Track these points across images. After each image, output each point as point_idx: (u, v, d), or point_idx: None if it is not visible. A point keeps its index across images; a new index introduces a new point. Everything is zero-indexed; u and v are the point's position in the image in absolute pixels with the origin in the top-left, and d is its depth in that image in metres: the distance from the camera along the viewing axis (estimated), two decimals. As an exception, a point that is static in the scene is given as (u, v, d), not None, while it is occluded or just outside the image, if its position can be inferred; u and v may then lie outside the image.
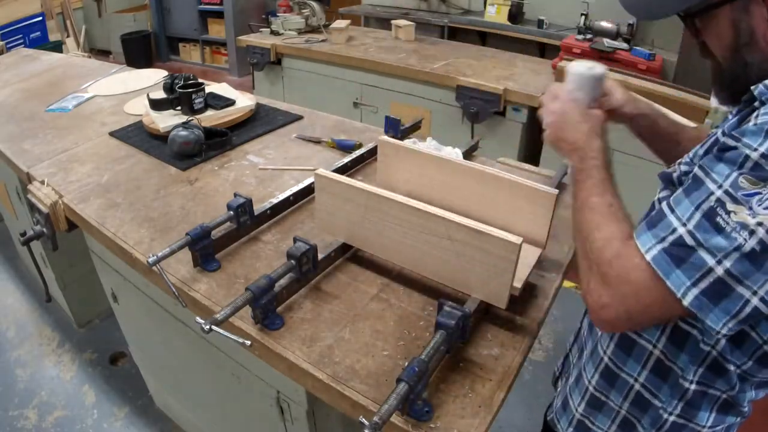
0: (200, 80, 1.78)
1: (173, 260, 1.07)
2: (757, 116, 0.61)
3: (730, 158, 0.60)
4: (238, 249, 1.16)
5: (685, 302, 0.61)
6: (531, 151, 2.66)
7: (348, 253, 1.14)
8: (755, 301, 0.58)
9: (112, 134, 1.71)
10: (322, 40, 3.23)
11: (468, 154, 1.55)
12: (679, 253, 0.61)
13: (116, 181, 1.43)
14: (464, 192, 1.15)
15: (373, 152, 1.54)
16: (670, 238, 0.62)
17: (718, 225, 0.59)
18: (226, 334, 0.85)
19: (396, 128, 1.60)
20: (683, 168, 0.74)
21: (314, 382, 0.87)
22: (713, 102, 0.74)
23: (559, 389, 1.03)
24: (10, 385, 2.06)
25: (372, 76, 2.94)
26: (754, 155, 0.58)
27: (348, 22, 3.34)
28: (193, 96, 1.67)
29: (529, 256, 1.04)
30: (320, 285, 1.05)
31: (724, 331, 0.61)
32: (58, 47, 4.76)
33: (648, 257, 0.64)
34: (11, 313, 2.44)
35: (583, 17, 2.59)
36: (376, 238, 1.03)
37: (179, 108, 1.70)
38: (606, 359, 0.85)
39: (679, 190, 0.65)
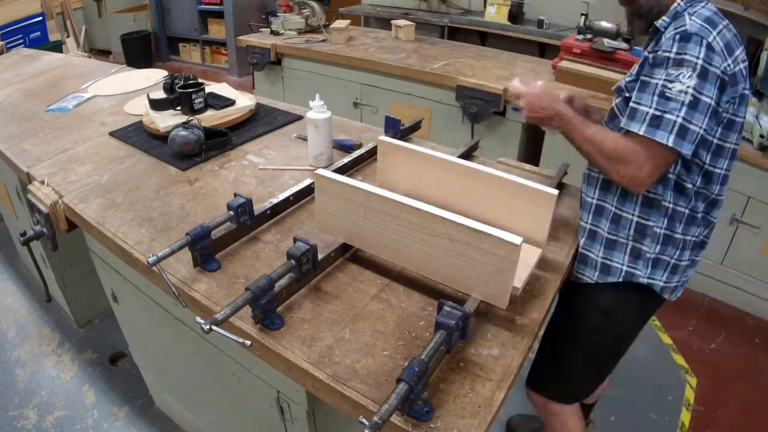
0: (200, 80, 1.78)
1: (173, 260, 1.07)
2: (665, 34, 1.04)
3: (659, 62, 1.02)
4: (238, 249, 1.16)
5: (669, 143, 0.99)
6: (531, 151, 2.66)
7: (348, 253, 1.14)
8: (700, 131, 1.00)
9: (112, 134, 1.71)
10: (322, 40, 3.23)
11: (468, 154, 1.55)
12: (656, 122, 1.00)
13: (116, 181, 1.43)
14: (464, 192, 1.15)
15: (373, 152, 1.54)
16: (647, 118, 1.01)
17: (668, 96, 1.00)
18: (226, 334, 0.85)
19: (396, 128, 1.60)
20: (627, 79, 1.15)
21: (314, 382, 0.87)
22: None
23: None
24: (10, 385, 2.06)
25: (372, 76, 2.94)
26: (671, 55, 1.00)
27: (348, 22, 3.33)
28: (193, 96, 1.67)
29: (529, 256, 1.04)
30: (320, 285, 1.05)
31: (686, 151, 1.00)
32: (58, 47, 4.76)
33: (641, 132, 1.02)
34: (11, 313, 2.44)
35: (583, 17, 2.58)
36: (377, 237, 1.03)
37: (179, 108, 1.70)
38: (612, 209, 1.19)
39: (635, 93, 1.05)
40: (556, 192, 1.04)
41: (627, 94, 1.12)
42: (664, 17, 1.09)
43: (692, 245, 1.18)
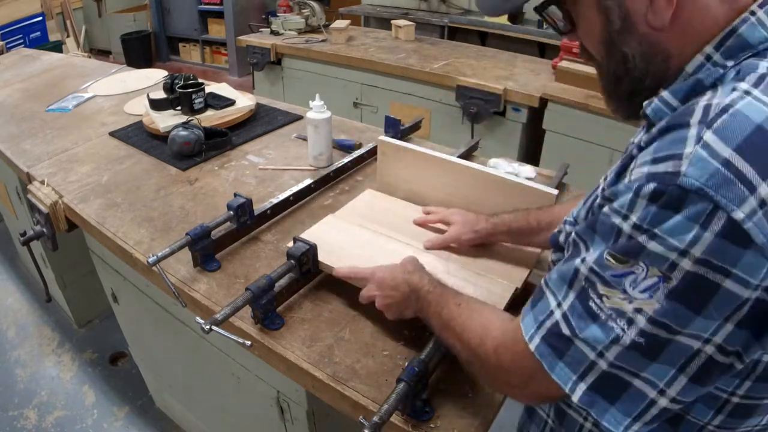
0: (200, 80, 1.78)
1: (173, 260, 1.07)
2: (631, 170, 0.48)
3: (602, 232, 0.49)
4: (238, 249, 1.16)
5: (575, 398, 0.51)
6: (531, 151, 2.66)
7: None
8: (662, 401, 0.47)
9: (112, 134, 1.71)
10: (322, 40, 3.23)
11: (468, 154, 1.55)
12: (558, 344, 0.52)
13: (116, 181, 1.43)
14: (464, 191, 1.15)
15: (373, 152, 1.54)
16: (548, 324, 0.53)
17: (591, 311, 0.49)
18: (226, 334, 0.85)
19: (396, 128, 1.60)
20: (567, 228, 0.65)
21: (314, 382, 0.87)
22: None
23: None
24: (10, 385, 2.06)
25: (372, 76, 2.94)
26: (625, 227, 0.46)
27: (348, 22, 3.33)
28: (193, 96, 1.67)
29: (529, 255, 1.04)
30: (320, 285, 1.05)
31: None
32: (58, 47, 4.76)
33: (531, 347, 0.54)
34: (11, 313, 2.44)
35: (583, 17, 2.59)
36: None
37: (179, 108, 1.70)
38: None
39: (560, 261, 0.56)
40: (555, 192, 1.05)
41: (558, 255, 0.67)
42: (665, 93, 0.52)
43: None
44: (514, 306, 0.95)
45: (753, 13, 0.47)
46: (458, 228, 1.04)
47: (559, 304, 0.53)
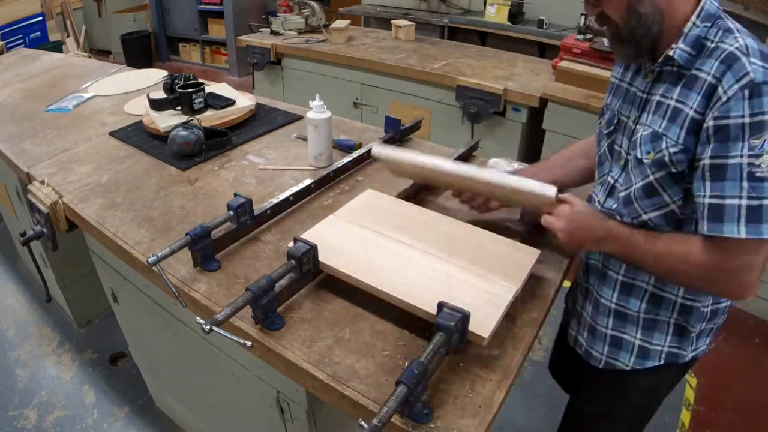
0: (200, 80, 1.78)
1: (173, 260, 1.07)
2: (724, 92, 0.79)
3: (735, 135, 0.78)
4: (238, 249, 1.16)
5: None
6: (531, 151, 2.66)
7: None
8: None
9: (112, 134, 1.71)
10: (322, 40, 3.23)
11: (468, 154, 1.55)
12: (757, 215, 0.78)
13: (116, 181, 1.43)
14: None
15: (373, 152, 1.54)
16: (743, 213, 0.79)
17: (760, 178, 0.77)
18: (227, 334, 0.85)
19: (396, 128, 1.60)
20: (672, 149, 0.87)
21: (314, 382, 0.87)
22: (617, 60, 1.03)
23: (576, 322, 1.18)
24: (10, 385, 2.06)
25: (372, 76, 2.94)
26: (746, 120, 0.78)
27: (348, 22, 3.33)
28: (193, 96, 1.67)
29: (529, 255, 1.04)
30: (320, 285, 1.05)
31: None
32: (58, 47, 4.76)
33: (744, 235, 0.79)
34: (11, 313, 2.44)
35: (583, 17, 2.58)
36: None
37: (179, 108, 1.70)
38: (620, 278, 1.03)
39: (708, 184, 0.82)
40: (554, 191, 1.04)
41: (674, 169, 0.88)
42: (681, 45, 0.85)
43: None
44: (514, 306, 0.95)
45: None
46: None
47: (740, 196, 0.79)
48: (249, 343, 0.87)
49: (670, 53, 0.86)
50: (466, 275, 0.97)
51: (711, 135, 0.81)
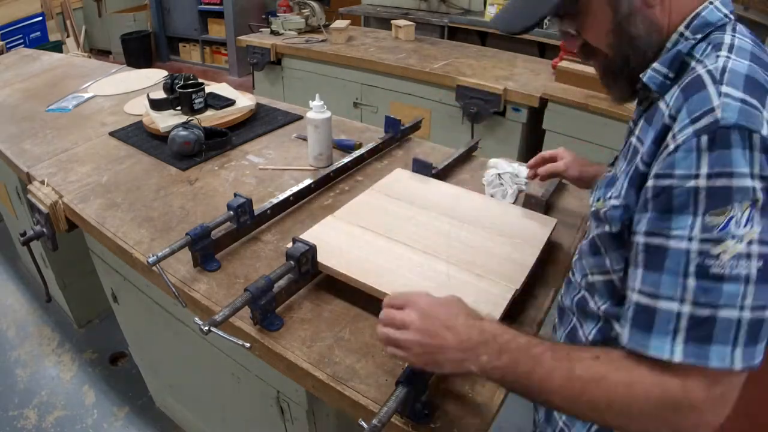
0: (200, 80, 1.78)
1: (173, 260, 1.07)
2: (673, 137, 0.56)
3: (680, 204, 0.54)
4: (238, 249, 1.16)
5: (737, 366, 0.54)
6: (531, 151, 2.66)
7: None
8: None
9: (112, 134, 1.71)
10: (322, 40, 3.23)
11: (468, 155, 1.55)
12: (702, 334, 0.54)
13: (116, 181, 1.43)
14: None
15: (373, 152, 1.54)
16: (683, 324, 0.54)
17: (716, 276, 0.53)
18: (225, 335, 0.85)
19: (396, 128, 1.60)
20: (613, 202, 0.67)
21: (314, 382, 0.87)
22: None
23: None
24: (10, 385, 2.06)
25: (372, 76, 2.94)
26: (701, 183, 0.53)
27: (348, 22, 3.33)
28: (193, 96, 1.67)
29: (529, 255, 1.04)
30: (320, 285, 1.05)
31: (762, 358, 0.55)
32: (58, 47, 4.76)
33: (680, 360, 0.54)
34: (11, 313, 2.44)
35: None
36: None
37: (179, 108, 1.70)
38: None
39: (640, 270, 0.58)
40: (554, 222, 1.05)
41: (609, 228, 0.68)
42: (656, 65, 0.65)
43: None
44: (514, 306, 0.95)
45: (711, 2, 0.65)
46: (568, 161, 1.11)
47: (682, 301, 0.54)
48: (248, 345, 0.87)
49: (643, 77, 0.66)
50: (466, 275, 0.97)
51: (649, 200, 0.58)
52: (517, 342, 0.64)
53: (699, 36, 0.64)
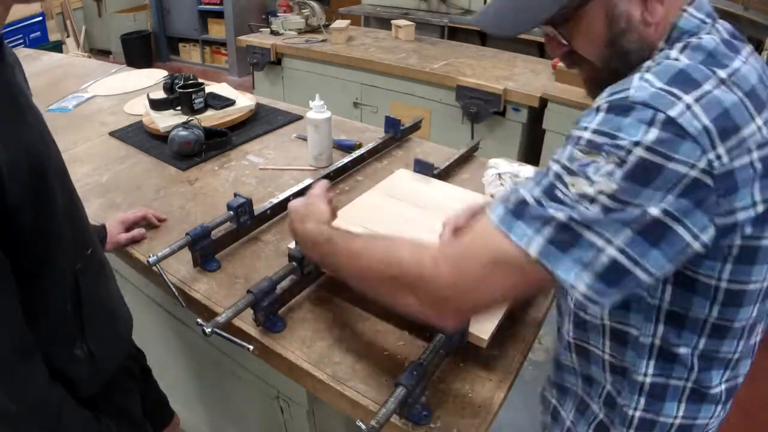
0: (200, 80, 1.78)
1: (173, 260, 1.07)
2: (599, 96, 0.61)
3: (567, 140, 0.60)
4: (238, 249, 1.16)
5: (532, 251, 0.56)
6: (531, 151, 2.66)
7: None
8: (612, 251, 0.55)
9: (112, 134, 1.71)
10: (322, 40, 3.23)
11: (468, 155, 1.55)
12: (519, 209, 0.59)
13: (116, 181, 1.43)
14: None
15: (373, 152, 1.54)
16: (513, 201, 0.59)
17: (557, 197, 0.57)
18: (228, 336, 0.85)
19: (396, 128, 1.60)
20: None
21: (314, 382, 0.87)
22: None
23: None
24: (10, 385, 2.06)
25: (372, 76, 2.94)
26: (586, 133, 0.57)
27: (348, 22, 3.33)
28: (193, 96, 1.67)
29: None
30: (320, 285, 1.05)
31: (574, 282, 0.56)
32: (58, 47, 4.76)
33: (493, 217, 0.60)
34: (11, 313, 2.44)
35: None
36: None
37: (179, 108, 1.70)
38: (575, 365, 0.82)
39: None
40: None
41: None
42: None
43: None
44: (514, 307, 0.95)
45: (684, 11, 0.64)
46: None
47: (530, 191, 0.59)
48: (251, 347, 0.87)
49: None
50: None
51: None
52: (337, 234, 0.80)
53: (678, 44, 0.63)
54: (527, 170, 1.39)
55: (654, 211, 0.54)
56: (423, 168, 1.34)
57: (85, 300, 0.82)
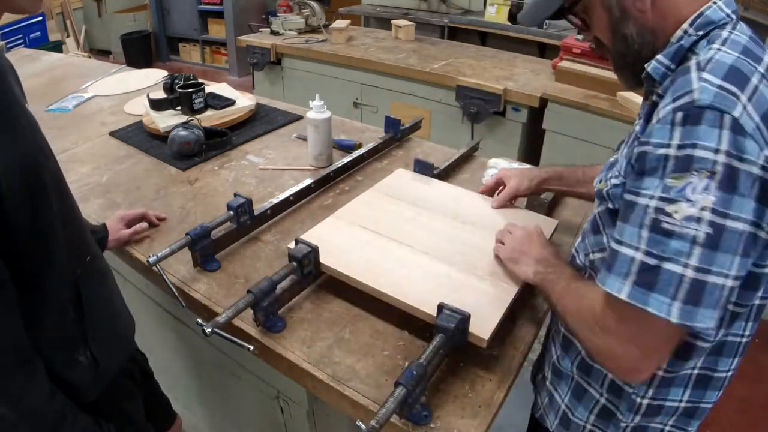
0: (200, 80, 1.78)
1: (173, 260, 1.07)
2: (657, 112, 0.64)
3: (651, 167, 0.62)
4: (238, 249, 1.16)
5: (673, 318, 0.60)
6: (531, 151, 2.66)
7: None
8: (729, 283, 0.60)
9: (112, 134, 1.71)
10: (322, 40, 3.23)
11: (468, 155, 1.55)
12: (647, 278, 0.61)
13: (116, 181, 1.43)
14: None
15: (372, 152, 1.54)
16: (633, 269, 0.63)
17: (666, 231, 0.60)
18: (228, 336, 0.85)
19: (396, 128, 1.60)
20: (613, 181, 0.74)
21: (314, 382, 0.87)
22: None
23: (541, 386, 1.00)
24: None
25: (372, 76, 2.94)
26: (671, 152, 0.60)
27: (348, 22, 3.33)
28: (193, 96, 1.67)
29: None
30: (320, 285, 1.05)
31: (704, 324, 0.60)
32: (58, 47, 4.76)
33: (624, 296, 0.63)
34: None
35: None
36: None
37: (179, 108, 1.70)
38: (583, 352, 0.85)
39: (618, 222, 0.67)
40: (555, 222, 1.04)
41: (611, 205, 0.75)
42: (659, 56, 0.70)
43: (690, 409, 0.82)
44: (515, 307, 0.95)
45: (715, 2, 0.69)
46: (516, 180, 1.14)
47: (636, 248, 0.63)
48: (251, 347, 0.87)
49: (647, 67, 0.71)
50: (467, 276, 0.97)
51: (633, 163, 0.66)
52: (560, 268, 0.84)
53: (701, 33, 0.68)
54: None
55: (744, 226, 0.58)
56: (423, 168, 1.34)
57: (87, 306, 0.82)
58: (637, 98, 2.12)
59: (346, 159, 1.46)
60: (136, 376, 1.08)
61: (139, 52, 5.85)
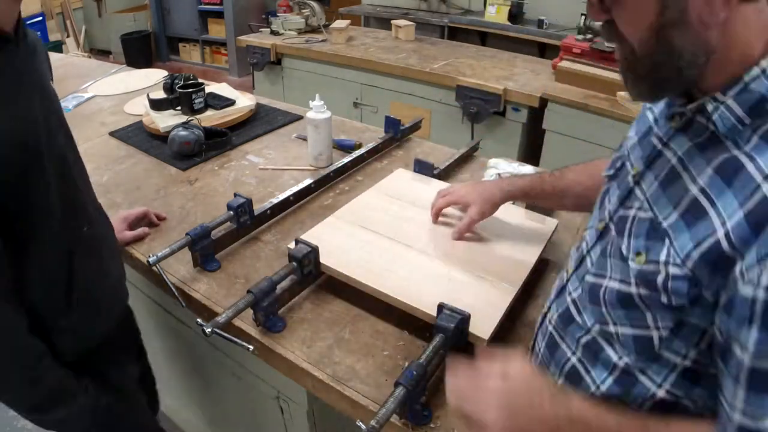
0: (200, 80, 1.78)
1: (173, 260, 1.07)
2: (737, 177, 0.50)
3: (748, 312, 0.48)
4: (238, 249, 1.16)
5: None
6: (531, 151, 2.66)
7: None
8: None
9: (112, 134, 1.71)
10: (322, 40, 3.23)
11: (468, 155, 1.55)
12: None
13: (116, 181, 1.43)
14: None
15: (372, 152, 1.54)
16: None
17: None
18: (228, 336, 0.85)
19: (396, 128, 1.60)
20: (673, 270, 0.56)
21: (314, 382, 0.87)
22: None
23: None
24: (10, 385, 2.06)
25: (372, 76, 2.94)
26: None
27: (348, 22, 3.33)
28: (193, 96, 1.67)
29: (529, 256, 1.04)
30: (320, 285, 1.05)
31: None
32: (58, 47, 4.76)
33: None
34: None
35: (583, 17, 2.58)
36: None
37: (179, 108, 1.70)
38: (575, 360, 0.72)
39: (742, 391, 0.51)
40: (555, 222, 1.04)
41: (665, 300, 0.57)
42: (730, 102, 0.54)
43: None
44: (515, 307, 0.95)
45: None
46: (479, 206, 1.05)
47: None
48: (251, 348, 0.87)
49: (709, 108, 0.55)
50: (467, 276, 0.97)
51: (758, 314, 0.48)
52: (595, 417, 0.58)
53: None
54: (527, 170, 1.39)
55: None
56: (423, 168, 1.34)
57: (78, 275, 0.86)
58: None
59: (346, 159, 1.46)
60: (129, 347, 1.14)
61: (139, 52, 5.85)
